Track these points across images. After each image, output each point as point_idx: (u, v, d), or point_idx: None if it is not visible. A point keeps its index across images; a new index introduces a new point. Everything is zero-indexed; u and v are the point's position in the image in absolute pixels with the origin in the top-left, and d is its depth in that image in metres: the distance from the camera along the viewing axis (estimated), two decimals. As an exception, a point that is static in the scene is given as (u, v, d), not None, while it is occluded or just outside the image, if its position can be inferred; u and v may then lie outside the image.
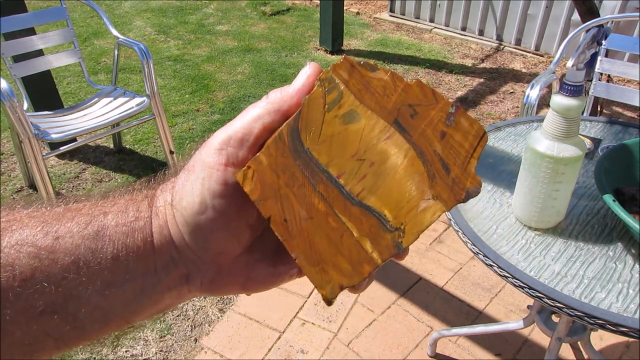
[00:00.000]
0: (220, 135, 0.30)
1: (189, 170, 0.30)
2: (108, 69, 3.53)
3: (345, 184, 0.29)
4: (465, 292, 1.83)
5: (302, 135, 0.29)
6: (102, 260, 0.28)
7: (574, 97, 0.83)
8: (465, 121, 0.29)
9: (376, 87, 0.29)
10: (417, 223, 0.29)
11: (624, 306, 0.79)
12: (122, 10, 4.70)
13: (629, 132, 1.29)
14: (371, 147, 0.29)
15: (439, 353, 1.62)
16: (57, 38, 2.28)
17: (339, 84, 0.29)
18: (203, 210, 0.29)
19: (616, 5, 3.24)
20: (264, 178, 0.29)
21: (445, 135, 0.29)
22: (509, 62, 3.71)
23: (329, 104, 0.29)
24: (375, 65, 0.30)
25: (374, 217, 0.29)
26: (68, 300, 0.27)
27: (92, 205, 0.30)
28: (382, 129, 0.29)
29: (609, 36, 1.88)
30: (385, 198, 0.29)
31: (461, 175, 0.29)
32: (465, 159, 0.29)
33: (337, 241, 0.29)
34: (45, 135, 1.97)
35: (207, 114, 3.03)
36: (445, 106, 0.29)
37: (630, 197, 0.93)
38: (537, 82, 1.77)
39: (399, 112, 0.29)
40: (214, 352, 1.62)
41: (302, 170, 0.29)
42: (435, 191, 0.29)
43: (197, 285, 0.31)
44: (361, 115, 0.29)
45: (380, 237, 0.29)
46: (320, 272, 0.29)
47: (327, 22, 3.69)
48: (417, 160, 0.29)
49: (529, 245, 0.93)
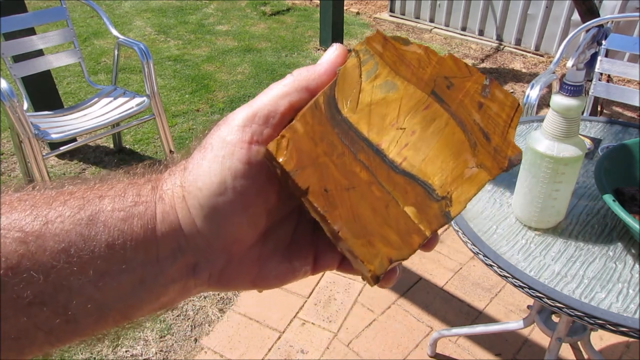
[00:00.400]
0: (243, 113, 0.28)
1: (205, 148, 0.28)
2: (108, 69, 3.53)
3: (387, 152, 0.28)
4: (465, 292, 1.83)
5: (339, 103, 0.28)
6: (95, 248, 0.26)
7: (574, 97, 0.83)
8: (500, 93, 0.29)
9: (410, 59, 0.29)
10: (463, 191, 0.28)
11: (624, 306, 0.79)
12: (122, 10, 4.70)
13: (629, 132, 1.29)
14: (411, 116, 0.28)
15: (439, 353, 1.62)
16: (57, 38, 2.28)
17: (373, 55, 0.29)
18: (222, 191, 0.27)
19: (616, 5, 3.24)
20: (301, 147, 0.27)
21: (483, 106, 0.29)
22: (509, 62, 3.71)
23: (366, 74, 0.29)
24: (407, 39, 0.29)
25: (419, 185, 0.28)
26: (58, 291, 0.25)
27: (88, 188, 0.28)
28: (419, 98, 0.29)
29: (609, 36, 1.88)
30: (429, 166, 0.28)
31: (502, 144, 0.29)
32: (504, 128, 0.29)
33: (383, 211, 0.27)
34: (45, 135, 1.97)
35: (207, 114, 3.03)
36: (480, 78, 0.29)
37: (630, 197, 0.93)
38: (537, 82, 1.77)
39: (435, 83, 0.29)
40: (214, 352, 1.62)
41: (341, 138, 0.28)
42: (479, 159, 0.28)
43: (205, 278, 0.29)
44: (398, 85, 0.29)
45: (427, 206, 0.28)
46: (366, 245, 0.27)
47: (327, 22, 3.69)
48: (457, 129, 0.29)
49: (529, 245, 0.93)
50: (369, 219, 0.27)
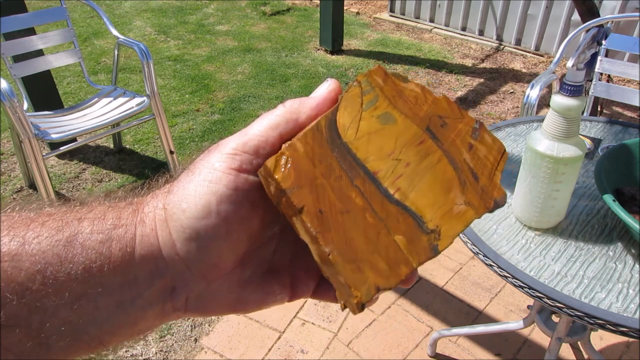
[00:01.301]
0: (234, 142, 0.28)
1: (192, 172, 0.28)
2: (108, 69, 3.53)
3: (383, 181, 0.29)
4: (465, 292, 1.83)
5: (339, 129, 0.29)
6: (72, 270, 0.25)
7: (574, 97, 0.83)
8: (489, 137, 0.31)
9: (408, 95, 0.30)
10: (451, 227, 0.29)
11: (624, 306, 0.79)
12: (122, 10, 4.70)
13: (629, 132, 1.29)
14: (406, 149, 0.29)
15: (439, 353, 1.62)
16: (57, 38, 2.28)
17: (374, 87, 0.30)
18: (206, 214, 0.27)
19: (616, 5, 3.24)
20: (299, 166, 0.27)
21: (473, 147, 0.30)
22: (509, 62, 3.71)
23: (366, 104, 0.29)
24: (406, 77, 0.30)
25: (410, 217, 0.28)
26: (32, 313, 0.25)
27: (67, 210, 0.28)
28: (415, 133, 0.30)
29: (609, 36, 1.88)
30: (421, 199, 0.29)
31: (489, 185, 0.30)
32: (491, 170, 0.30)
33: (375, 239, 0.28)
34: (45, 135, 1.97)
35: (207, 114, 3.03)
36: (470, 122, 0.31)
37: (630, 197, 0.93)
38: (537, 82, 1.77)
39: (430, 121, 0.30)
40: (214, 352, 1.62)
41: (340, 162, 0.28)
42: (467, 197, 0.29)
43: (182, 302, 0.29)
44: (396, 118, 0.30)
45: (417, 238, 0.28)
46: (355, 271, 0.27)
47: (327, 22, 3.69)
48: (449, 167, 0.30)
49: (529, 245, 0.93)
50: (360, 245, 0.27)
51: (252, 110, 3.07)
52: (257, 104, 3.14)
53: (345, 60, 3.74)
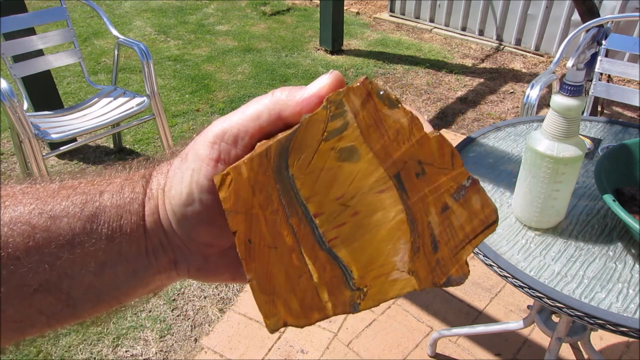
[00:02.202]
0: (216, 128, 0.29)
1: (182, 158, 0.30)
2: (108, 69, 3.53)
3: (321, 225, 0.27)
4: (465, 292, 1.83)
5: (290, 157, 0.26)
6: (97, 241, 0.28)
7: (574, 97, 0.83)
8: (477, 201, 0.26)
9: (388, 127, 0.26)
10: (381, 291, 0.27)
11: (624, 306, 0.79)
12: (122, 10, 4.70)
13: (629, 132, 1.29)
14: (360, 196, 0.26)
15: (439, 353, 1.62)
16: (57, 38, 2.28)
17: (347, 112, 0.26)
18: (190, 202, 0.28)
19: (616, 5, 3.24)
20: (239, 191, 0.27)
21: (447, 210, 0.26)
22: (509, 62, 3.71)
23: (330, 132, 0.26)
24: (396, 100, 0.25)
25: (339, 269, 0.27)
26: (62, 280, 0.27)
27: (88, 182, 0.30)
28: (378, 178, 0.26)
29: (609, 36, 1.88)
30: (358, 254, 0.27)
31: (448, 260, 0.26)
32: (460, 242, 0.26)
33: (294, 280, 0.28)
34: (45, 135, 1.97)
35: (207, 114, 3.03)
36: (460, 176, 0.25)
37: (630, 197, 0.93)
38: (537, 82, 1.77)
39: (405, 166, 0.26)
40: (214, 352, 1.62)
41: (280, 195, 0.27)
42: (414, 266, 0.26)
43: (185, 271, 0.32)
44: (361, 156, 0.26)
45: (339, 291, 0.27)
46: (269, 303, 0.28)
47: (327, 22, 3.69)
48: (405, 226, 0.26)
49: (529, 245, 0.93)
50: (280, 281, 0.28)
51: (252, 110, 3.07)
52: (257, 104, 3.14)
53: (345, 60, 3.74)
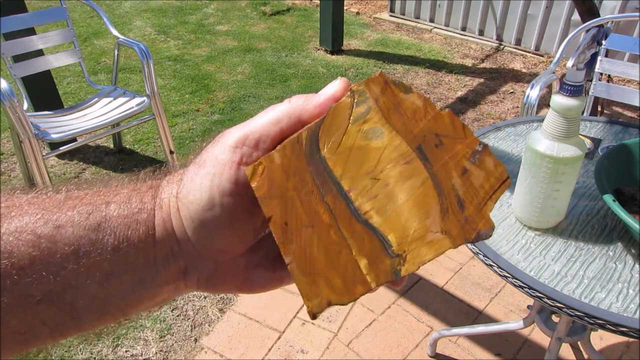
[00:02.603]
0: (236, 133, 0.29)
1: (199, 164, 0.29)
2: (108, 69, 3.53)
3: (355, 199, 0.28)
4: (465, 292, 1.83)
5: (320, 141, 0.29)
6: (103, 252, 0.28)
7: (574, 97, 0.83)
8: (490, 162, 0.28)
9: (406, 109, 0.29)
10: (419, 254, 0.28)
11: (624, 306, 0.79)
12: (122, 10, 4.70)
13: (629, 132, 1.29)
14: (388, 169, 0.28)
15: (439, 353, 1.62)
16: (57, 38, 2.28)
17: (369, 98, 0.29)
18: (210, 206, 0.28)
19: (616, 5, 3.24)
20: (273, 177, 0.28)
21: (467, 172, 0.28)
22: (509, 62, 3.71)
23: (355, 117, 0.29)
24: (409, 87, 0.29)
25: (377, 238, 0.28)
26: (66, 290, 0.27)
27: (94, 193, 0.30)
28: (403, 152, 0.28)
29: (609, 36, 1.88)
30: (393, 222, 0.28)
31: (475, 216, 0.28)
32: (482, 199, 0.28)
33: (334, 255, 0.28)
34: (45, 135, 1.97)
35: (207, 114, 3.03)
36: (473, 143, 0.28)
37: (630, 197, 0.93)
38: (537, 82, 1.77)
39: (424, 139, 0.28)
40: (214, 352, 1.62)
41: (314, 177, 0.28)
42: (446, 226, 0.28)
43: (194, 281, 0.31)
44: (385, 134, 0.28)
45: (380, 260, 0.28)
46: (310, 284, 0.28)
47: (327, 22, 3.69)
48: (432, 191, 0.28)
49: (529, 245, 0.93)
50: (320, 260, 0.28)
51: (252, 110, 3.07)
52: (257, 104, 3.14)
53: (345, 60, 3.74)
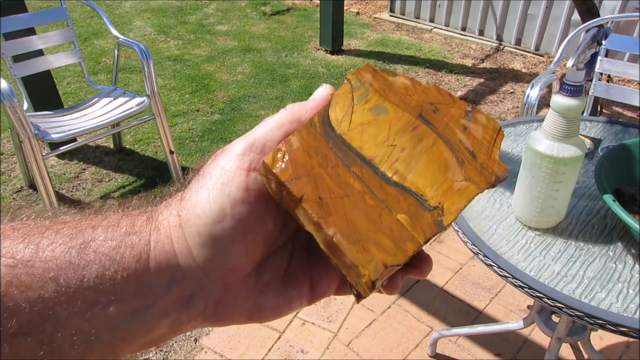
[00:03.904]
0: (241, 143, 0.29)
1: (203, 177, 0.28)
2: (108, 69, 3.53)
3: (379, 165, 0.29)
4: (465, 292, 1.83)
5: (332, 122, 0.30)
6: (85, 277, 0.25)
7: (574, 97, 0.83)
8: (483, 117, 0.32)
9: (399, 88, 0.32)
10: (454, 202, 0.29)
11: (624, 306, 0.79)
12: (122, 10, 4.70)
13: (629, 132, 1.29)
14: (400, 135, 0.30)
15: (439, 353, 1.62)
16: (57, 38, 2.28)
17: (364, 83, 0.31)
18: (221, 218, 0.27)
19: (616, 5, 3.24)
20: (296, 158, 0.28)
21: (467, 128, 0.31)
22: (509, 62, 3.71)
23: (357, 98, 0.31)
24: (395, 71, 0.32)
25: (411, 196, 0.29)
26: (44, 321, 0.24)
27: (82, 218, 0.28)
28: (408, 120, 0.31)
29: (609, 36, 1.88)
30: (420, 179, 0.29)
31: (487, 162, 0.31)
32: (488, 148, 0.31)
33: (376, 219, 0.28)
34: (45, 135, 1.97)
35: (207, 114, 3.03)
36: (462, 105, 0.32)
37: (630, 197, 0.93)
38: (537, 82, 1.77)
39: (422, 108, 0.31)
40: (214, 352, 1.62)
41: (335, 152, 0.29)
42: (467, 174, 0.30)
43: (200, 310, 0.29)
44: (387, 108, 0.31)
45: (420, 215, 0.28)
46: (360, 251, 0.27)
47: (327, 22, 3.69)
48: (445, 147, 0.30)
49: (529, 245, 0.93)
50: (363, 225, 0.28)
51: (252, 110, 3.07)
52: (257, 104, 3.14)
53: (345, 60, 3.74)
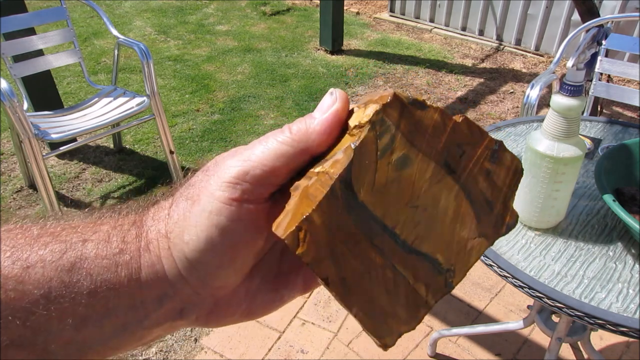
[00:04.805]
0: (233, 168, 0.26)
1: (192, 200, 0.27)
2: (108, 69, 3.53)
3: (401, 233, 0.28)
4: (465, 292, 1.83)
5: (355, 186, 0.27)
6: (77, 296, 0.25)
7: (574, 97, 0.83)
8: (507, 157, 0.30)
9: (427, 127, 0.28)
10: (464, 262, 0.29)
11: (624, 306, 0.79)
12: (122, 10, 4.70)
13: (629, 132, 1.29)
14: (424, 193, 0.29)
15: (439, 353, 1.62)
16: (57, 38, 2.28)
17: (390, 126, 0.28)
18: (209, 247, 0.26)
19: (616, 5, 3.24)
20: (318, 238, 0.26)
21: (490, 174, 0.30)
22: (509, 62, 3.71)
23: (382, 150, 0.28)
24: (424, 102, 0.28)
25: (427, 262, 0.29)
26: (37, 335, 0.24)
27: (71, 229, 0.27)
28: (432, 172, 0.29)
29: (609, 36, 1.88)
30: (438, 242, 0.29)
31: (502, 211, 0.30)
32: (506, 195, 0.30)
33: (394, 291, 0.29)
34: (45, 135, 1.97)
35: (207, 114, 3.03)
36: (490, 143, 0.30)
37: (630, 197, 0.93)
38: (537, 82, 1.77)
39: (449, 153, 0.29)
40: (214, 352, 1.62)
41: (358, 225, 0.27)
42: (482, 230, 0.30)
43: (192, 320, 0.29)
44: (413, 159, 0.28)
45: (434, 280, 0.29)
46: (380, 324, 0.28)
47: (327, 22, 3.69)
48: (465, 202, 0.29)
49: (529, 245, 0.93)
50: (383, 300, 0.28)
51: (252, 110, 3.07)
52: (257, 104, 3.14)
53: (345, 60, 3.74)
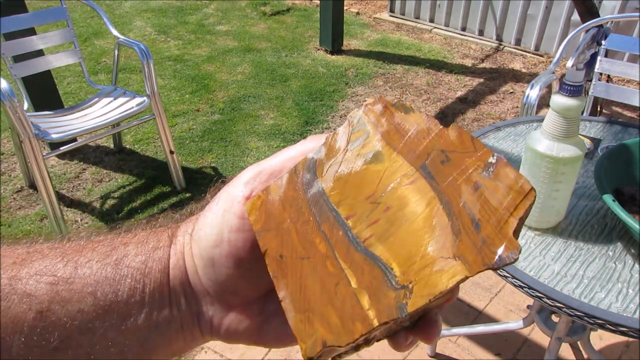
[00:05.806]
0: (252, 171, 0.30)
1: (214, 201, 0.30)
2: (108, 69, 3.53)
3: (354, 226, 0.26)
4: (465, 292, 1.83)
5: (318, 169, 0.28)
6: (120, 290, 0.27)
7: (573, 97, 0.83)
8: (508, 174, 0.24)
9: (408, 129, 0.27)
10: (428, 284, 0.23)
11: (623, 306, 0.79)
12: (122, 10, 4.70)
13: (629, 132, 1.29)
14: (390, 191, 0.26)
15: (439, 353, 1.62)
16: (57, 38, 2.28)
17: (366, 123, 0.29)
18: (218, 243, 0.28)
19: (616, 5, 3.24)
20: (271, 209, 0.27)
21: (480, 187, 0.24)
22: (509, 62, 3.71)
23: (353, 142, 0.28)
24: (410, 107, 0.28)
25: (378, 268, 0.25)
26: (83, 335, 0.26)
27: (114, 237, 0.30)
28: (405, 172, 0.26)
29: (609, 36, 1.88)
30: (396, 249, 0.25)
31: (494, 236, 0.23)
32: (502, 216, 0.23)
33: (331, 289, 0.25)
34: (46, 135, 1.97)
35: (207, 114, 3.03)
36: (485, 155, 0.25)
37: (630, 197, 0.93)
38: (537, 82, 1.77)
39: (429, 157, 0.26)
40: (214, 352, 1.62)
41: (311, 205, 0.27)
42: (459, 250, 0.24)
43: (207, 328, 0.30)
44: (385, 156, 0.27)
45: (382, 293, 0.24)
46: (304, 322, 0.25)
47: (327, 22, 3.69)
48: (440, 212, 0.25)
49: (529, 245, 0.93)
50: (315, 294, 0.26)
51: (252, 110, 3.07)
52: (257, 104, 3.14)
53: (345, 60, 3.74)
